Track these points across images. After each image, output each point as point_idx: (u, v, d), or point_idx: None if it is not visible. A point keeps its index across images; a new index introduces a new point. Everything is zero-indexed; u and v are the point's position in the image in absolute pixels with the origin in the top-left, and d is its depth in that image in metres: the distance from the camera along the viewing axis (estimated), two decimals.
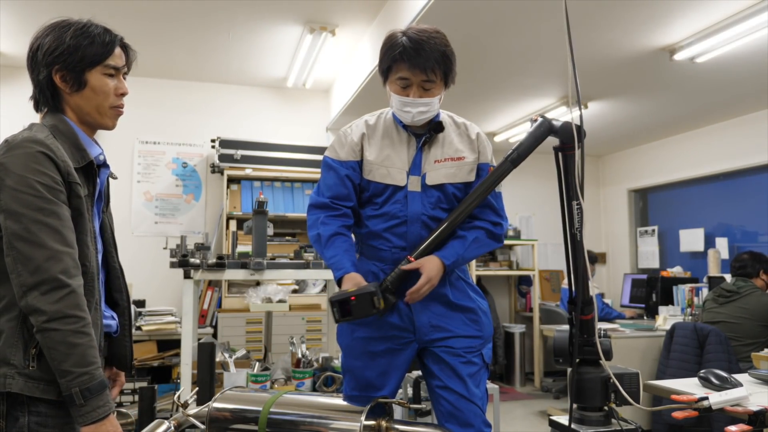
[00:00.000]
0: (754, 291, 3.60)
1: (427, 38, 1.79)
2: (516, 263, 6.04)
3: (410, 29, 1.82)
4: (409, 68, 1.79)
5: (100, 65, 1.35)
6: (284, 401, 1.25)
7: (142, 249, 4.89)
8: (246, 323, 4.43)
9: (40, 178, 1.21)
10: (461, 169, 1.90)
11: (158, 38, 4.24)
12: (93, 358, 1.21)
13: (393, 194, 1.87)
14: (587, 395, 1.54)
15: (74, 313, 1.19)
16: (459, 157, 1.91)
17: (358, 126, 1.94)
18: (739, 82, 4.17)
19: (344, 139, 1.91)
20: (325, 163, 1.91)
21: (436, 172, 1.88)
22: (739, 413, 1.70)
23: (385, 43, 1.85)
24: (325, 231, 1.80)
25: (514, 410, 4.95)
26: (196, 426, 1.25)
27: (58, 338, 1.17)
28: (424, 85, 1.82)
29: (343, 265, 1.75)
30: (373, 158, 1.87)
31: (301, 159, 4.95)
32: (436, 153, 1.90)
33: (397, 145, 1.90)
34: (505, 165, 1.75)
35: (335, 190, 1.85)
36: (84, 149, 1.33)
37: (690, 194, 5.84)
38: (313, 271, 2.96)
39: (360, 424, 1.14)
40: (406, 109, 1.83)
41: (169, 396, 3.35)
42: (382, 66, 1.85)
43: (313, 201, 1.87)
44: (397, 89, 1.84)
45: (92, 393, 1.19)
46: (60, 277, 1.19)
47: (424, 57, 1.78)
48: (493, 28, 3.32)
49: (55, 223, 1.21)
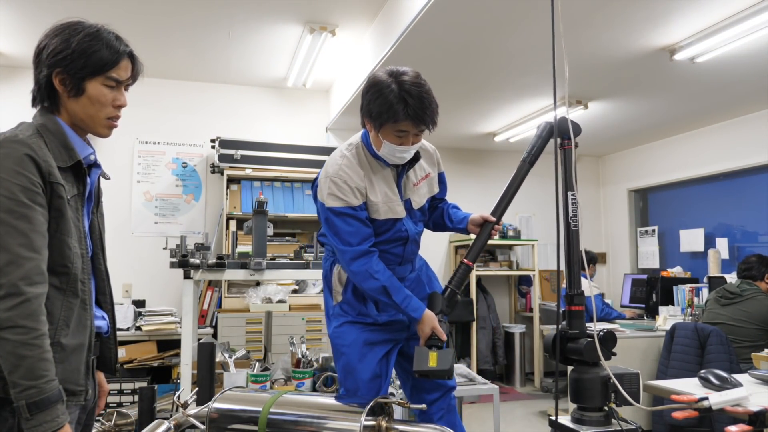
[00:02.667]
0: (757, 295, 3.60)
1: (426, 93, 1.83)
2: (516, 263, 6.04)
3: (404, 81, 1.82)
4: (414, 125, 1.84)
5: (101, 76, 1.33)
6: (284, 401, 1.24)
7: (142, 249, 4.89)
8: (246, 323, 4.43)
9: (17, 180, 1.19)
10: (431, 185, 2.13)
11: (158, 38, 4.24)
12: (43, 371, 1.16)
13: (394, 224, 2.01)
14: (587, 395, 1.54)
15: (25, 323, 1.15)
16: (427, 174, 2.11)
17: (352, 169, 1.95)
18: (739, 82, 4.17)
19: (345, 185, 1.92)
20: (336, 213, 1.91)
21: (417, 195, 2.07)
22: (739, 413, 1.70)
23: (377, 94, 1.84)
24: (384, 279, 1.89)
25: (514, 410, 4.95)
26: (196, 426, 1.25)
27: (7, 348, 1.14)
28: (418, 134, 1.91)
29: (418, 306, 1.89)
30: (376, 199, 1.96)
31: (301, 159, 4.95)
32: (412, 177, 2.06)
33: (389, 180, 2.01)
34: (525, 166, 1.87)
35: (363, 233, 1.92)
36: (72, 149, 1.32)
37: (690, 194, 5.84)
38: (313, 271, 2.96)
39: (360, 424, 1.14)
40: (399, 155, 1.92)
41: (168, 396, 3.35)
42: (380, 119, 1.85)
43: (353, 254, 1.90)
44: (393, 139, 1.88)
45: (39, 408, 1.15)
46: (18, 283, 1.16)
47: (429, 115, 1.84)
48: (493, 28, 3.32)
49: (23, 227, 1.19)
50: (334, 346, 2.06)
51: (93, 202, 1.45)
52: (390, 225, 2.00)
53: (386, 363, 2.04)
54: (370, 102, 1.86)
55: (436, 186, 2.15)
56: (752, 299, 3.59)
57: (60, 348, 1.26)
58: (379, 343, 2.03)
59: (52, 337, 1.24)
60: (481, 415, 4.53)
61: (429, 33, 3.33)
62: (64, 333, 1.28)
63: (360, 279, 1.91)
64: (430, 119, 1.85)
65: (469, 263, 1.92)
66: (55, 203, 1.26)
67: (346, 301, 2.06)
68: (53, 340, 1.25)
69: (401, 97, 1.80)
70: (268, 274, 2.86)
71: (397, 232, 2.01)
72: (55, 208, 1.26)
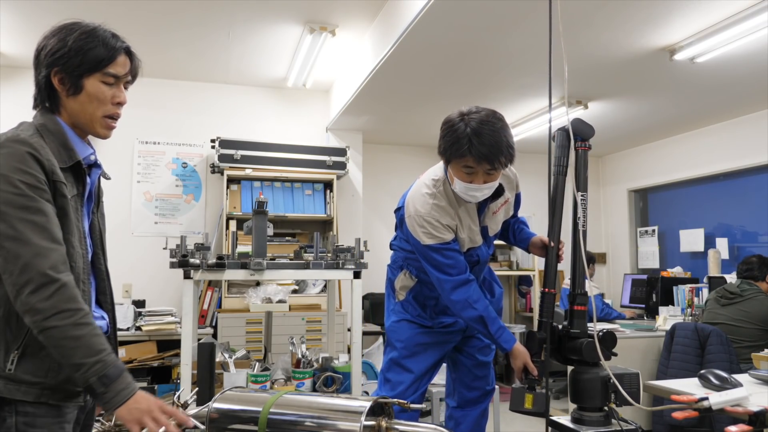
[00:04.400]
0: (757, 295, 3.60)
1: (492, 131, 1.85)
2: (516, 263, 6.04)
3: (472, 117, 1.88)
4: (477, 162, 1.87)
5: (99, 72, 1.33)
6: (284, 401, 1.24)
7: (142, 249, 4.89)
8: (246, 323, 4.43)
9: (23, 177, 1.20)
10: (508, 210, 2.19)
11: (158, 38, 4.23)
12: (100, 346, 1.20)
13: (469, 250, 2.10)
14: (587, 395, 1.54)
15: (69, 306, 1.18)
16: (506, 201, 2.15)
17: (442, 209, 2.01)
18: (739, 82, 4.17)
19: (438, 224, 2.00)
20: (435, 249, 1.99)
21: (494, 222, 2.13)
22: (739, 413, 1.70)
23: (447, 131, 1.91)
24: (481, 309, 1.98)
25: None
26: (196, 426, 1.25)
27: (59, 334, 1.16)
28: (489, 172, 1.91)
29: (510, 338, 1.96)
30: (463, 235, 2.06)
31: (301, 159, 4.95)
32: (492, 206, 2.11)
33: (472, 214, 2.07)
34: (562, 180, 1.83)
35: (460, 263, 2.01)
36: (72, 149, 1.32)
37: (690, 194, 5.84)
38: (313, 271, 2.96)
39: (360, 424, 1.14)
40: (472, 194, 1.95)
41: (168, 396, 3.35)
42: (447, 156, 1.93)
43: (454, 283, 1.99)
44: (462, 176, 1.93)
45: (111, 378, 1.18)
46: (48, 272, 1.18)
47: (492, 152, 1.85)
48: (493, 28, 3.32)
49: (40, 220, 1.20)
50: (389, 339, 2.21)
51: (93, 202, 1.45)
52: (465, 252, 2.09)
53: (433, 368, 2.18)
54: (442, 138, 1.93)
55: (512, 209, 2.22)
56: (752, 299, 3.58)
57: None
58: (431, 345, 2.16)
59: None
60: None
61: (429, 33, 3.33)
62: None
63: (459, 308, 1.99)
64: (495, 157, 1.86)
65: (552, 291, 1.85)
66: (59, 202, 1.26)
67: (407, 301, 2.19)
68: None
69: (467, 133, 1.85)
70: (268, 274, 2.85)
71: (469, 257, 2.09)
72: (58, 206, 1.26)
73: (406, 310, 2.20)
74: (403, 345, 2.15)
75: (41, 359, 1.24)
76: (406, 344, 2.15)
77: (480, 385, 2.24)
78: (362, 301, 3.22)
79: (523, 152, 6.51)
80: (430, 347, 2.16)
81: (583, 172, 1.73)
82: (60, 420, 1.24)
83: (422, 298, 2.17)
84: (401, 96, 4.49)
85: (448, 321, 2.17)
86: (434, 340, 2.16)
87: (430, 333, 2.17)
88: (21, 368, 1.21)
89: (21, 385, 1.20)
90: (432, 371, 2.19)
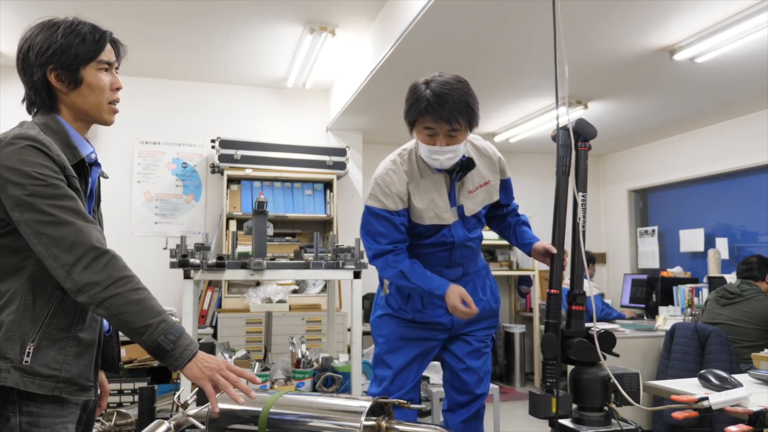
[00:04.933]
0: (757, 295, 3.60)
1: (449, 90, 1.88)
2: (516, 263, 6.04)
3: (433, 81, 1.92)
4: (434, 120, 1.89)
5: (93, 61, 1.34)
6: (284, 401, 1.24)
7: (142, 249, 4.88)
8: (246, 323, 4.43)
9: (38, 170, 1.21)
10: (490, 193, 2.13)
11: (158, 38, 4.23)
12: (160, 307, 1.24)
13: (440, 229, 2.06)
14: (587, 395, 1.54)
15: (124, 274, 1.22)
16: (486, 182, 2.10)
17: (397, 174, 2.02)
18: (739, 82, 4.17)
19: (387, 189, 2.01)
20: (373, 213, 2.02)
21: (471, 201, 2.07)
22: (739, 413, 1.70)
23: (409, 95, 1.96)
24: (402, 266, 1.99)
25: (514, 410, 4.95)
26: (196, 426, 1.25)
27: (121, 301, 1.19)
28: (450, 134, 1.92)
29: (440, 283, 1.98)
30: (421, 205, 2.02)
31: (301, 159, 4.95)
32: (468, 184, 2.07)
33: (438, 186, 2.04)
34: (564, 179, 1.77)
35: (393, 236, 2.02)
36: (75, 147, 1.33)
37: (690, 194, 5.84)
38: (313, 271, 2.96)
39: (360, 424, 1.14)
40: (435, 157, 1.95)
41: (169, 396, 3.35)
42: (409, 118, 1.96)
43: (376, 251, 2.03)
44: (425, 138, 1.94)
45: (176, 335, 1.21)
46: (97, 245, 1.20)
47: (447, 109, 1.87)
48: (493, 28, 3.32)
49: (71, 204, 1.22)
50: (373, 334, 2.20)
51: (94, 201, 1.45)
52: (435, 230, 2.05)
53: (418, 362, 2.14)
54: (405, 101, 1.97)
55: (496, 194, 2.16)
56: (752, 299, 3.59)
57: (77, 342, 1.28)
58: (414, 340, 2.12)
59: (69, 331, 1.26)
60: None
61: (429, 33, 3.33)
62: (80, 328, 1.29)
63: (380, 270, 2.05)
64: (452, 116, 1.87)
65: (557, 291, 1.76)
66: None
67: (391, 294, 2.16)
68: (71, 335, 1.26)
69: (426, 94, 1.88)
70: (268, 274, 2.85)
71: (441, 237, 2.05)
72: None
73: (389, 305, 2.17)
74: (384, 340, 2.14)
75: (56, 351, 1.24)
76: (386, 339, 2.13)
77: (469, 389, 2.18)
78: (362, 301, 3.22)
79: (524, 152, 6.51)
80: (412, 342, 2.11)
81: (583, 172, 1.72)
82: (63, 420, 1.24)
83: (407, 289, 2.12)
84: (401, 96, 4.43)
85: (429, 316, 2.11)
86: (415, 336, 2.12)
87: (411, 328, 2.12)
88: (37, 360, 1.21)
89: (36, 378, 1.20)
90: (414, 367, 2.13)
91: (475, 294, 2.13)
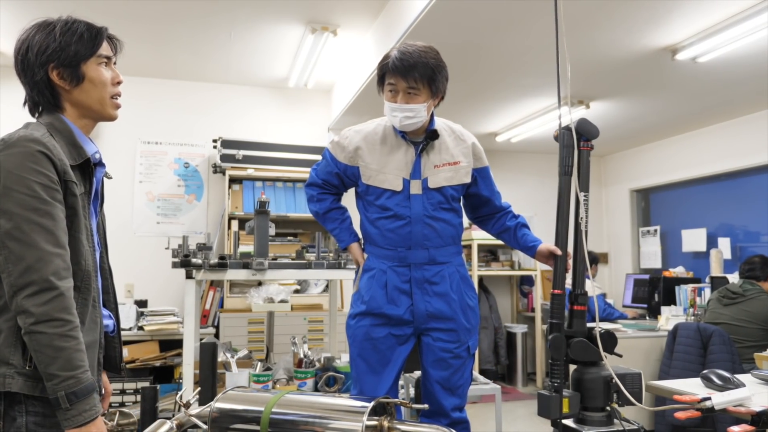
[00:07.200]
0: (759, 295, 3.59)
1: (413, 50, 1.99)
2: (518, 263, 6.03)
3: (403, 44, 2.03)
4: (394, 75, 1.99)
5: (93, 56, 1.35)
6: (286, 401, 1.24)
7: (144, 249, 4.89)
8: (248, 323, 4.43)
9: (36, 178, 1.20)
10: (458, 173, 2.11)
11: (160, 39, 4.24)
12: (80, 362, 1.19)
13: (393, 197, 2.07)
14: (589, 395, 1.54)
15: (61, 316, 1.18)
16: (455, 162, 2.11)
17: (358, 133, 2.16)
18: (741, 82, 4.17)
19: (344, 142, 2.17)
20: (326, 154, 2.21)
21: (436, 176, 2.08)
22: (741, 413, 1.70)
23: (381, 59, 2.07)
24: (320, 208, 2.23)
25: (516, 410, 4.95)
26: (198, 426, 1.25)
27: (44, 341, 1.16)
28: (408, 91, 1.99)
29: (344, 238, 2.21)
30: (372, 165, 2.09)
31: (302, 159, 4.95)
32: (435, 159, 2.09)
33: (396, 151, 2.09)
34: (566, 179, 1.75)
35: (328, 178, 2.20)
36: (80, 146, 1.33)
37: (692, 194, 5.83)
38: (315, 271, 2.96)
39: (362, 424, 1.14)
40: (394, 114, 2.03)
41: (171, 396, 3.35)
42: (378, 76, 2.08)
43: (311, 179, 2.25)
44: (388, 96, 2.04)
45: (78, 397, 1.17)
46: (50, 278, 1.18)
47: (407, 66, 1.96)
48: (494, 28, 3.32)
49: (48, 224, 1.20)
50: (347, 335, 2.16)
51: (99, 201, 1.46)
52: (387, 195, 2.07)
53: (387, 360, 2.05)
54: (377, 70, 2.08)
55: (466, 177, 2.11)
56: (755, 299, 3.58)
57: None
58: (380, 339, 2.06)
59: None
60: (483, 415, 4.53)
61: (430, 33, 3.32)
62: (80, 329, 1.29)
63: (308, 200, 2.27)
64: (408, 72, 1.95)
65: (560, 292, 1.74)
66: (70, 201, 1.27)
67: (358, 290, 2.13)
68: None
69: (392, 53, 2.00)
70: (270, 274, 2.86)
71: (400, 208, 2.04)
72: (69, 205, 1.27)
73: (357, 303, 2.11)
74: (354, 341, 2.09)
75: None
76: (354, 339, 2.09)
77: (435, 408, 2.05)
78: None
79: (525, 152, 6.51)
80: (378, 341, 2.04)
81: (585, 172, 1.72)
82: None
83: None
84: None
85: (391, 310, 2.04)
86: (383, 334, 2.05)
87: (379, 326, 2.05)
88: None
89: (39, 383, 1.20)
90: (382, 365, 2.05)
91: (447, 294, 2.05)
